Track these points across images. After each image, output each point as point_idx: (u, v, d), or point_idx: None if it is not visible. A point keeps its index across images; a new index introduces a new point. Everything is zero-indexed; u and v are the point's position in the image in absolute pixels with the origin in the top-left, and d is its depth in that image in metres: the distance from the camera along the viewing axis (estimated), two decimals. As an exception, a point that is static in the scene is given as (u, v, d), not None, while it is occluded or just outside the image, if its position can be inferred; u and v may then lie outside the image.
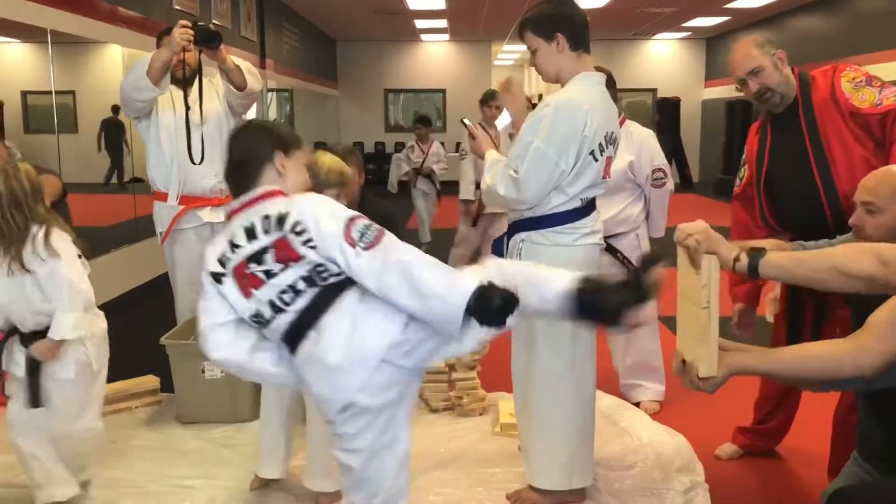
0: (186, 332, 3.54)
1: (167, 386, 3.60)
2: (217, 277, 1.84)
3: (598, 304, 1.77)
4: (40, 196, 2.52)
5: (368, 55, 15.93)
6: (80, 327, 2.49)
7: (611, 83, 3.40)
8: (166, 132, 3.51)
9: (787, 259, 1.75)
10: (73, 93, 6.16)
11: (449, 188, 8.49)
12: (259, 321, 1.83)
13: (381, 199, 3.61)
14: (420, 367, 1.86)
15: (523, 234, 2.63)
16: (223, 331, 1.85)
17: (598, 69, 2.97)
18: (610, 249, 3.51)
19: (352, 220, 1.76)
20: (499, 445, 3.22)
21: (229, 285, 1.83)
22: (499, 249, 2.85)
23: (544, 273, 1.87)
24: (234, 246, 1.82)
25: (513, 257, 2.68)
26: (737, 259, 1.76)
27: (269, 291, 1.78)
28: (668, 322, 2.23)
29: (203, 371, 3.38)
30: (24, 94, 5.71)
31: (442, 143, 8.16)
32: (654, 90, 15.96)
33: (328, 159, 2.64)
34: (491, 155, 2.68)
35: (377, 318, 1.75)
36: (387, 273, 1.71)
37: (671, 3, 11.42)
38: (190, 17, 7.23)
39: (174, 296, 3.77)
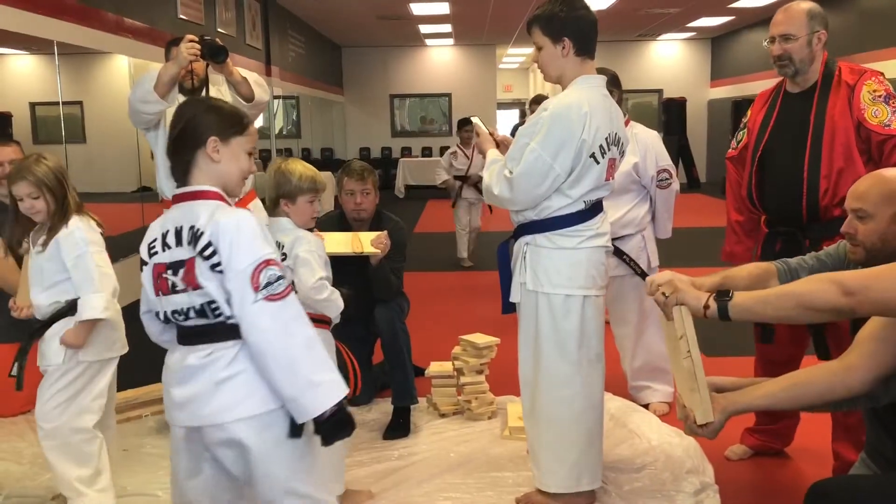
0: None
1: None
2: (142, 263, 1.83)
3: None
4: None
5: (373, 61, 15.97)
6: (111, 308, 2.55)
7: (616, 84, 3.43)
8: None
9: (753, 301, 1.77)
10: (80, 103, 6.20)
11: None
12: (160, 319, 1.84)
13: (398, 220, 3.65)
14: None
15: (528, 238, 2.64)
16: (152, 320, 1.88)
17: (604, 70, 2.98)
18: (616, 252, 3.51)
19: (266, 262, 1.68)
20: (508, 449, 3.22)
21: (146, 276, 1.81)
22: (504, 253, 2.86)
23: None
24: (164, 243, 1.77)
25: (517, 260, 2.68)
26: (706, 307, 1.79)
27: (167, 303, 1.77)
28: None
29: (212, 378, 3.38)
30: (33, 105, 5.76)
31: (448, 147, 7.97)
32: (659, 91, 15.95)
33: (300, 166, 2.66)
34: (491, 154, 2.70)
35: (237, 389, 1.73)
36: (273, 334, 1.66)
37: (675, 3, 11.42)
38: (195, 26, 7.28)
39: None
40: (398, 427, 3.42)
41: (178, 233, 1.74)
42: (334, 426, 1.69)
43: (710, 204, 12.11)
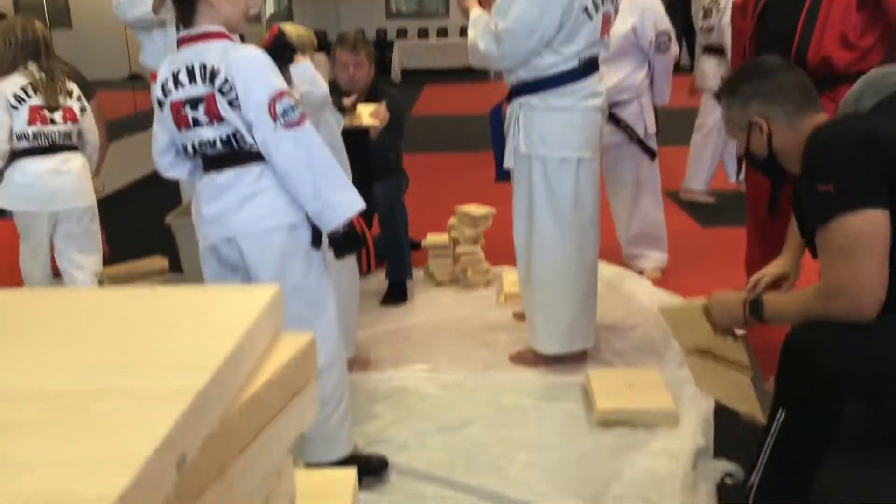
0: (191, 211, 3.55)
1: (175, 269, 3.65)
2: (159, 104, 1.93)
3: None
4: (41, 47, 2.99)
5: (367, -63, 15.30)
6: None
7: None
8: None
9: (777, 310, 1.82)
10: (65, -13, 6.00)
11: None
12: (185, 152, 1.97)
13: (394, 91, 3.58)
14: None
15: (521, 99, 2.60)
16: (166, 155, 2.02)
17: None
18: (613, 118, 3.47)
19: (280, 94, 1.80)
20: (502, 313, 3.28)
21: (167, 114, 1.92)
22: (497, 117, 2.82)
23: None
24: (176, 82, 1.87)
25: (510, 124, 2.65)
26: (747, 321, 1.88)
27: (193, 136, 1.89)
28: (671, 195, 2.24)
29: (210, 250, 3.41)
30: (15, -11, 5.57)
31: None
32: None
33: (291, 28, 2.61)
34: (475, 11, 2.64)
35: (268, 200, 1.88)
36: (296, 159, 1.81)
37: None
38: None
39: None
40: (395, 295, 3.48)
41: (191, 71, 1.82)
42: (346, 240, 1.93)
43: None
